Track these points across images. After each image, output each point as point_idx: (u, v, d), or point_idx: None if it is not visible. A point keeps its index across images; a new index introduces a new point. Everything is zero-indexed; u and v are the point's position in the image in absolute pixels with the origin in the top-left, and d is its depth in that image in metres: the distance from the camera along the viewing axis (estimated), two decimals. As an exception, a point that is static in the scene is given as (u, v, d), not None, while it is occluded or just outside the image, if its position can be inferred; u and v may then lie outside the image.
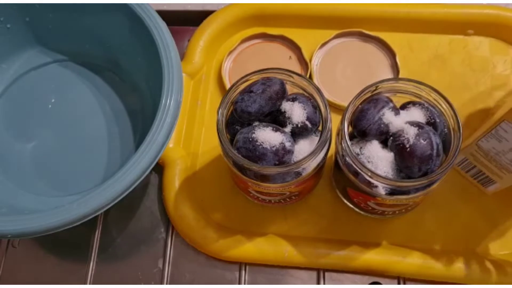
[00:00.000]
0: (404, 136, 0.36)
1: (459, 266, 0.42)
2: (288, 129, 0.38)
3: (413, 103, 0.38)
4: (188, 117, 0.50)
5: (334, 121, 0.38)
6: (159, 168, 0.48)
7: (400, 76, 0.50)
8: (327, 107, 0.37)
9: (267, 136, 0.36)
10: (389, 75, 0.51)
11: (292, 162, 0.37)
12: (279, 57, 0.53)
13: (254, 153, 0.35)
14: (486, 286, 0.42)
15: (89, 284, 0.46)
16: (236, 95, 0.38)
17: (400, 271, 0.43)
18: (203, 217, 0.46)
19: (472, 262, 0.43)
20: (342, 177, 0.40)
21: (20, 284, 0.46)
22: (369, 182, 0.37)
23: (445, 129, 0.37)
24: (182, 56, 0.53)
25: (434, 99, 0.37)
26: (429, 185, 0.36)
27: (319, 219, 0.46)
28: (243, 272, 0.45)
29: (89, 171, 0.48)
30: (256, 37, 0.54)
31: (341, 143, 0.37)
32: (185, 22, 0.56)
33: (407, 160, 0.35)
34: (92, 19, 0.50)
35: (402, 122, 0.37)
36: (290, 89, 0.39)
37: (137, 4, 0.45)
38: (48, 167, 0.49)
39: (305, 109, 0.37)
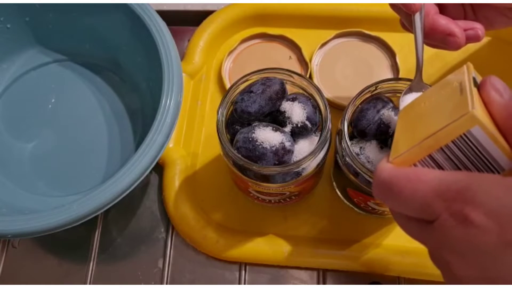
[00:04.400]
0: (404, 136, 0.36)
1: (459, 266, 0.42)
2: (288, 129, 0.38)
3: (413, 103, 0.38)
4: (188, 117, 0.50)
5: (334, 121, 0.38)
6: (159, 168, 0.48)
7: (400, 76, 0.50)
8: (327, 107, 0.37)
9: (267, 136, 0.36)
10: (389, 75, 0.51)
11: (292, 162, 0.37)
12: (279, 57, 0.53)
13: (254, 153, 0.35)
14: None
15: (89, 284, 0.46)
16: (236, 95, 0.38)
17: (400, 271, 0.43)
18: (203, 217, 0.46)
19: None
20: (342, 177, 0.40)
21: (20, 284, 0.46)
22: (369, 182, 0.36)
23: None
24: (182, 56, 0.53)
25: (434, 99, 0.37)
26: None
27: (319, 219, 0.46)
28: (243, 272, 0.45)
29: (89, 171, 0.48)
30: (256, 37, 0.54)
31: (341, 143, 0.37)
32: (185, 22, 0.56)
33: (407, 160, 0.35)
34: (92, 19, 0.50)
35: (402, 122, 0.37)
36: (290, 89, 0.39)
37: (137, 4, 0.45)
38: (48, 167, 0.49)
39: (305, 109, 0.37)
